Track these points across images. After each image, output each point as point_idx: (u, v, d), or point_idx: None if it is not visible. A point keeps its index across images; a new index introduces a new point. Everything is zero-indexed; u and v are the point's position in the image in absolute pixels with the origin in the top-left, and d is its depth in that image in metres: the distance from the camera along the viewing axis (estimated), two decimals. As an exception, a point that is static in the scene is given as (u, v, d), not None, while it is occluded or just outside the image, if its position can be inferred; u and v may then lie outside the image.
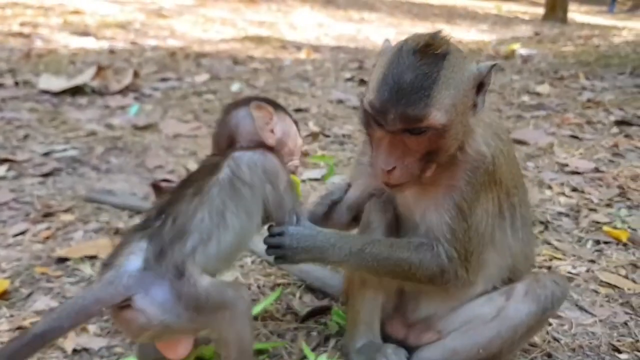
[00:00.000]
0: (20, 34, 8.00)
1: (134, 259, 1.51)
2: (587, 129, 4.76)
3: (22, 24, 8.72)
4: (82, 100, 4.76)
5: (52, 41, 7.72)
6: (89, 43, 7.86)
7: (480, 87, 1.54)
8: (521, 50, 8.91)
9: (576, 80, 6.71)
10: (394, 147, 1.52)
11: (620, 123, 4.90)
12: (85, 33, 8.61)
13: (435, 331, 1.85)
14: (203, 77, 5.92)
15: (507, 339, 1.74)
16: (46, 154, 3.60)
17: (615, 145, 4.31)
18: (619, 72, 7.20)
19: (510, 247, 1.78)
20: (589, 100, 5.65)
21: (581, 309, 2.30)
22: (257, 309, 2.16)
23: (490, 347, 1.74)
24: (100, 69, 5.18)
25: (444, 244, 1.65)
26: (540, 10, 18.67)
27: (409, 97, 1.43)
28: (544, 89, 6.11)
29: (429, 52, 1.45)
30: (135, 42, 8.35)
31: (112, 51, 7.22)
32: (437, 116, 1.44)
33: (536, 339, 2.08)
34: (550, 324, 2.18)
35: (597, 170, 3.83)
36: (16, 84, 5.00)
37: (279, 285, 2.40)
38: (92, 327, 2.09)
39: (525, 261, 1.90)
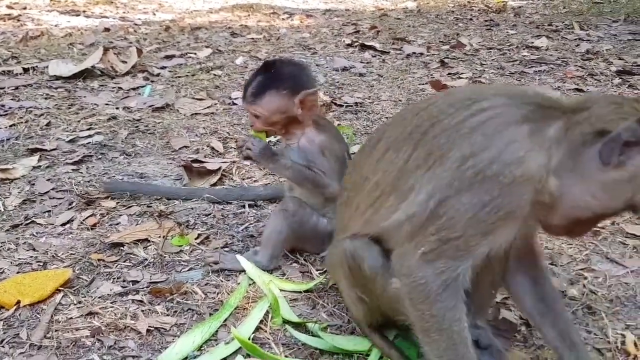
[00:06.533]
0: (10, 17, 7.88)
1: None
2: (590, 82, 4.89)
3: (9, 6, 8.58)
4: (94, 83, 4.78)
5: (43, 22, 7.62)
6: (80, 22, 7.77)
7: None
8: (511, 1, 8.95)
9: (571, 31, 6.81)
10: None
11: (621, 72, 5.03)
12: (73, 11, 8.50)
13: None
14: (205, 52, 5.91)
15: None
16: (72, 141, 3.65)
17: (620, 97, 4.45)
18: (613, 20, 7.30)
19: None
20: (587, 52, 5.77)
21: (612, 261, 2.45)
22: (308, 285, 2.31)
23: None
24: (105, 50, 5.18)
25: None
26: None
27: None
28: (542, 42, 6.21)
29: None
30: (125, 17, 8.26)
31: (106, 29, 7.16)
32: None
33: (575, 292, 2.24)
34: (585, 278, 2.33)
35: (605, 123, 3.96)
36: (25, 70, 4.99)
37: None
38: (159, 308, 2.21)
39: None
